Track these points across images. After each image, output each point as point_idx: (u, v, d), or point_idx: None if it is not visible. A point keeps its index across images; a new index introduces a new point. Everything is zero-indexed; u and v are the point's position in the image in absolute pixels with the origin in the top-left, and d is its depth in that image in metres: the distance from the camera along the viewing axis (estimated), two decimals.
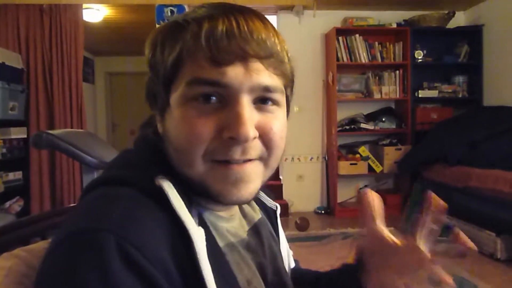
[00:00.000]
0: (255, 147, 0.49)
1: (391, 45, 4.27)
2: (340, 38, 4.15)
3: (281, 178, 4.48)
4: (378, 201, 0.52)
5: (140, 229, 0.41)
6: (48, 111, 3.96)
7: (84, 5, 4.08)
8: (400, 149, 4.18)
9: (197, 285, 0.42)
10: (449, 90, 4.31)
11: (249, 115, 0.47)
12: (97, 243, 0.38)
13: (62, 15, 3.94)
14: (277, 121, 0.50)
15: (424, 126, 4.14)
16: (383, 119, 4.28)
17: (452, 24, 4.34)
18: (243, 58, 0.46)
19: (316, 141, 4.49)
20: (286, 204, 4.22)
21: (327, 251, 3.12)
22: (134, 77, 6.66)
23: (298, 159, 4.48)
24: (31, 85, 3.89)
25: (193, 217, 0.47)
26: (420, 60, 4.26)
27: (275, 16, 4.45)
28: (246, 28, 0.46)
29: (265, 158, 0.50)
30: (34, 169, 3.86)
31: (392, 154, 4.17)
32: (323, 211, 4.33)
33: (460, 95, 4.32)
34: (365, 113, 4.38)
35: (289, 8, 4.34)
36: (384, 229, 0.51)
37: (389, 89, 4.24)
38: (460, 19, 4.54)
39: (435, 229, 0.47)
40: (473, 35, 4.30)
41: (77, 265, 0.37)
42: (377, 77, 4.29)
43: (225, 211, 0.56)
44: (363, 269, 0.53)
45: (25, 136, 3.81)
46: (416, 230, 0.47)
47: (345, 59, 4.17)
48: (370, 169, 4.22)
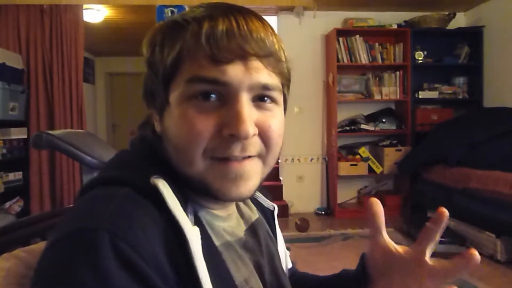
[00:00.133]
0: (254, 144, 0.49)
1: (392, 46, 4.27)
2: (341, 39, 4.15)
3: (281, 179, 4.48)
4: (382, 211, 0.52)
5: (134, 227, 0.41)
6: (48, 111, 3.97)
7: (85, 6, 4.08)
8: (400, 150, 4.18)
9: (192, 284, 0.42)
10: (449, 91, 4.31)
11: (249, 113, 0.47)
12: (91, 242, 0.38)
13: (62, 15, 3.95)
14: (275, 119, 0.51)
15: (424, 127, 4.14)
16: (383, 120, 4.28)
17: (453, 25, 4.35)
18: (243, 57, 0.47)
19: (316, 142, 4.49)
20: (286, 205, 4.22)
21: (327, 252, 3.12)
22: (134, 77, 6.66)
23: (298, 160, 4.48)
24: (31, 85, 3.89)
25: (189, 216, 0.47)
26: (420, 61, 4.26)
27: (275, 17, 4.45)
28: (246, 28, 0.47)
29: (263, 155, 0.51)
30: (34, 169, 3.86)
31: (392, 155, 4.17)
32: (323, 212, 4.33)
33: (461, 96, 4.32)
34: (365, 114, 4.38)
35: (290, 9, 4.34)
36: (391, 243, 0.51)
37: (389, 90, 4.24)
38: (460, 20, 4.54)
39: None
40: (473, 36, 4.30)
41: (72, 264, 0.38)
42: (377, 78, 4.29)
43: (222, 210, 0.56)
44: (369, 279, 0.54)
45: (25, 136, 3.81)
46: (425, 244, 0.48)
47: (345, 60, 4.17)
48: (370, 170, 4.22)
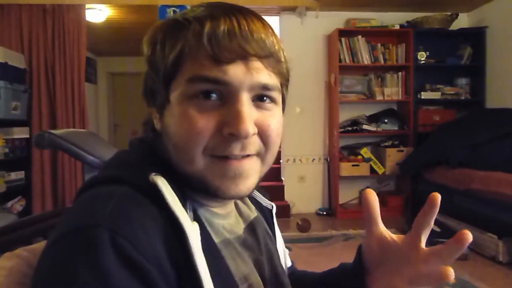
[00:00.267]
0: (254, 143, 0.50)
1: (394, 47, 4.26)
2: (343, 39, 4.15)
3: (282, 179, 4.48)
4: (377, 201, 0.52)
5: (134, 225, 0.41)
6: (51, 111, 3.98)
7: (87, 6, 4.09)
8: (402, 150, 4.17)
9: (192, 280, 0.43)
10: (452, 92, 4.30)
11: (249, 112, 0.48)
12: (91, 240, 0.39)
13: (64, 15, 3.96)
14: (274, 118, 0.52)
15: (426, 128, 4.13)
16: (385, 120, 4.27)
17: (455, 26, 4.34)
18: (244, 57, 0.47)
19: (318, 142, 4.49)
20: (287, 205, 4.22)
21: (328, 252, 3.12)
22: (136, 77, 6.66)
23: (300, 160, 4.48)
24: (33, 85, 3.90)
25: (188, 213, 0.47)
26: (422, 62, 4.25)
27: (277, 17, 4.45)
28: (247, 28, 0.48)
29: (262, 154, 0.52)
30: (36, 168, 3.87)
31: (394, 156, 4.17)
32: (324, 213, 4.32)
33: (463, 97, 4.31)
34: (367, 114, 4.38)
35: (292, 9, 4.34)
36: (387, 232, 0.52)
37: (392, 90, 4.23)
38: (463, 21, 4.53)
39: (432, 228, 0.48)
40: (476, 37, 4.29)
41: (72, 263, 0.38)
42: (379, 79, 4.28)
43: (221, 208, 0.57)
44: (366, 270, 0.54)
45: (27, 136, 3.82)
46: (420, 230, 0.48)
47: (347, 61, 4.17)
48: (372, 170, 4.21)
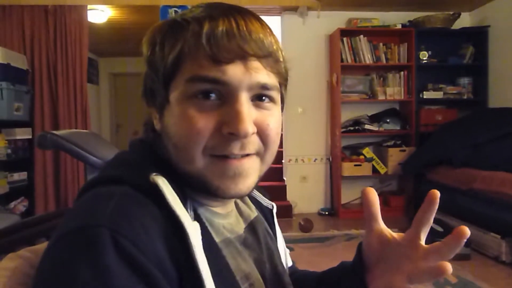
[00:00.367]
0: (253, 142, 0.50)
1: (396, 46, 4.25)
2: (345, 39, 4.14)
3: (284, 179, 4.48)
4: (377, 199, 0.52)
5: (135, 224, 0.41)
6: (53, 111, 3.99)
7: (89, 6, 4.10)
8: (404, 150, 4.16)
9: (193, 279, 0.43)
10: (454, 92, 4.29)
11: (248, 112, 0.48)
12: (92, 239, 0.39)
13: (66, 16, 3.97)
14: (273, 117, 0.52)
15: (428, 128, 4.12)
16: (388, 120, 4.27)
17: (457, 25, 4.32)
18: (243, 57, 0.48)
19: (320, 142, 4.49)
20: (289, 205, 4.22)
21: (330, 252, 3.11)
22: (138, 78, 6.34)
23: (302, 160, 4.48)
24: (36, 86, 3.91)
25: (189, 212, 0.48)
26: (424, 61, 4.24)
27: (279, 17, 4.46)
28: (245, 28, 0.48)
29: (261, 153, 0.52)
30: (39, 169, 3.88)
31: (396, 156, 4.16)
32: (326, 213, 4.32)
33: (465, 97, 4.30)
34: (369, 114, 4.37)
35: (293, 9, 4.34)
36: (387, 229, 0.52)
37: (394, 90, 4.22)
38: (465, 20, 4.52)
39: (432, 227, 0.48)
40: (478, 36, 4.28)
41: (73, 263, 0.38)
42: (381, 78, 4.27)
43: (221, 208, 0.57)
44: (366, 267, 0.54)
45: (29, 136, 3.84)
46: (419, 227, 0.48)
47: (349, 60, 4.16)
48: (374, 170, 4.20)
